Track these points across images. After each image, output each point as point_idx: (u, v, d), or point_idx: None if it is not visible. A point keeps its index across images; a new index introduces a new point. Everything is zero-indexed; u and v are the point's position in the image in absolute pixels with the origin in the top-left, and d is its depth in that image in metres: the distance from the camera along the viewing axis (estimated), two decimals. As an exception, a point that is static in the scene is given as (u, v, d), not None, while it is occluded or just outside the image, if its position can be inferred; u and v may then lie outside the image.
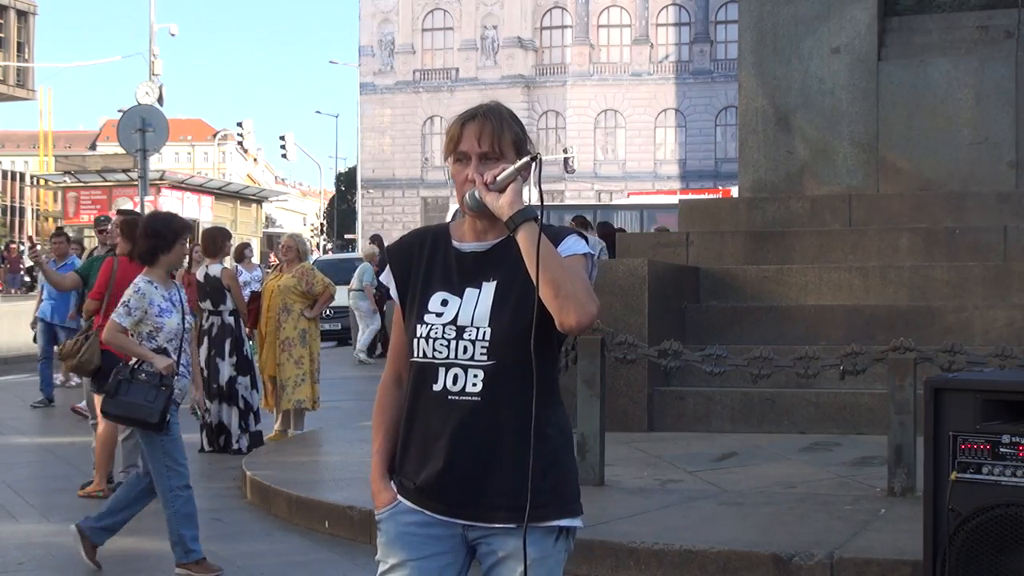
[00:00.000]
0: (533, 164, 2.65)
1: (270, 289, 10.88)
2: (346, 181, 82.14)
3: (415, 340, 2.72)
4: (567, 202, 66.47)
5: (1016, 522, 4.04)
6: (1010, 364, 6.59)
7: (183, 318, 6.40)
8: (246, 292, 11.21)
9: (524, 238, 2.59)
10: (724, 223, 11.75)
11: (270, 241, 44.64)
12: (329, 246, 64.08)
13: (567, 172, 63.00)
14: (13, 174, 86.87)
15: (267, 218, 72.99)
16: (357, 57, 72.07)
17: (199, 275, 10.74)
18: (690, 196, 31.41)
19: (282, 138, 52.40)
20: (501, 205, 2.62)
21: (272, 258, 30.76)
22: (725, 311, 10.42)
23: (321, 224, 71.46)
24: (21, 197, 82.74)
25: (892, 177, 11.43)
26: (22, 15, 53.91)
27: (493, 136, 2.71)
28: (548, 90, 70.75)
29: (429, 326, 2.71)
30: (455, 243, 2.78)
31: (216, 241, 10.65)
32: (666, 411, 9.51)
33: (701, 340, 9.30)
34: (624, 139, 70.16)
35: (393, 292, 2.82)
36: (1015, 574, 4.04)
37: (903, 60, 11.46)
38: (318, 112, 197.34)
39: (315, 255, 33.57)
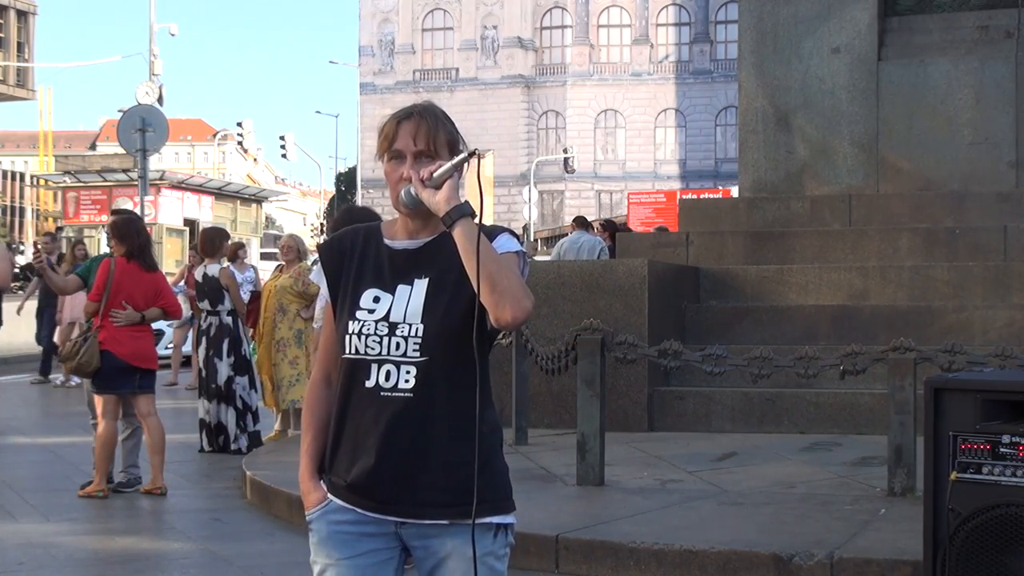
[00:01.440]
0: (468, 161, 2.67)
1: (268, 289, 10.89)
2: (346, 181, 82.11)
3: (347, 336, 2.73)
4: (567, 202, 66.68)
5: (1016, 522, 4.04)
6: (1010, 364, 6.59)
7: None
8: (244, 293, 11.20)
9: (461, 234, 2.60)
10: (724, 223, 11.75)
11: (274, 242, 44.61)
12: (329, 246, 63.93)
13: (567, 172, 63.01)
14: (13, 174, 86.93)
15: (267, 218, 73.01)
16: (357, 57, 72.11)
17: (197, 275, 10.75)
18: (690, 196, 31.47)
19: (282, 138, 52.40)
20: (438, 201, 2.63)
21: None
22: (725, 311, 10.42)
23: (321, 224, 71.36)
24: (21, 197, 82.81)
25: (892, 177, 11.44)
26: (22, 15, 53.91)
27: (428, 135, 2.72)
28: (548, 90, 70.77)
29: (361, 323, 2.72)
30: (387, 241, 2.80)
31: (214, 241, 10.65)
32: (666, 411, 9.51)
33: (701, 340, 9.30)
34: (624, 139, 70.17)
35: (324, 290, 2.85)
36: (1015, 574, 4.04)
37: (903, 60, 11.47)
38: (318, 112, 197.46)
39: (315, 255, 33.55)
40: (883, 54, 11.54)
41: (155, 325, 9.15)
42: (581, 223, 15.99)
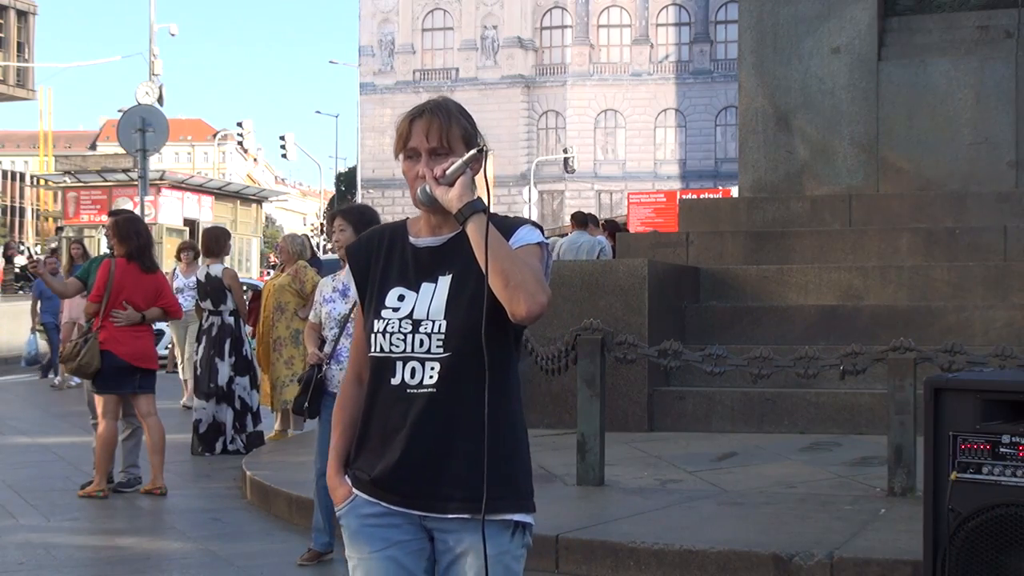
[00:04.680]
0: (482, 156, 2.69)
1: (268, 288, 10.91)
2: (346, 181, 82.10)
3: (372, 335, 2.75)
4: (567, 202, 66.66)
5: (1016, 522, 4.04)
6: (1010, 364, 6.59)
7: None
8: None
9: (473, 230, 2.61)
10: (724, 223, 11.75)
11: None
12: (329, 246, 64.12)
13: (567, 172, 63.02)
14: (13, 174, 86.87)
15: (267, 218, 73.03)
16: (357, 57, 72.10)
17: (199, 275, 10.74)
18: (690, 196, 31.45)
19: (282, 138, 52.39)
20: (450, 198, 2.64)
21: (272, 258, 30.68)
22: (725, 311, 10.42)
23: (321, 224, 71.42)
24: (21, 197, 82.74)
25: (892, 177, 11.43)
26: (22, 15, 53.89)
27: (441, 131, 2.72)
28: (548, 90, 70.77)
29: (386, 321, 2.73)
30: (411, 239, 2.81)
31: (218, 241, 10.66)
32: (666, 411, 9.51)
33: (701, 340, 9.30)
34: (624, 139, 70.17)
35: (352, 291, 2.85)
36: (1015, 574, 4.04)
37: (903, 60, 11.47)
38: (318, 112, 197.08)
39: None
40: (883, 54, 11.54)
41: (155, 325, 9.15)
42: (580, 222, 15.77)
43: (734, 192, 27.45)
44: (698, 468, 7.83)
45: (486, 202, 2.64)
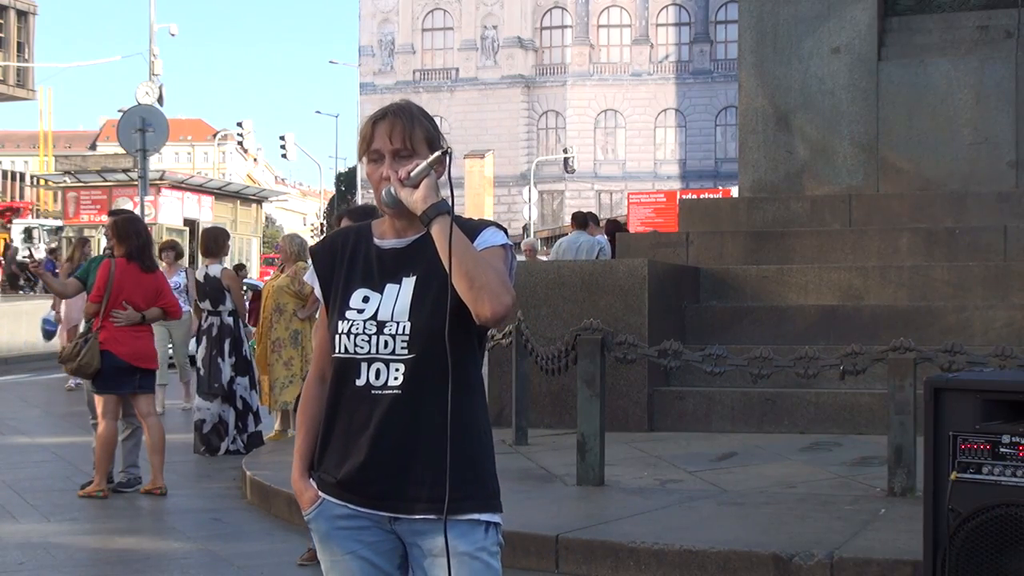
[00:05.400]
0: (446, 158, 2.71)
1: (267, 289, 10.90)
2: (346, 181, 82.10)
3: (337, 336, 2.76)
4: (567, 202, 66.65)
5: (1016, 522, 4.04)
6: (1010, 364, 6.59)
7: None
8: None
9: (438, 232, 2.62)
10: (724, 223, 11.75)
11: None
12: (329, 246, 63.96)
13: (567, 172, 63.02)
14: (13, 174, 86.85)
15: (267, 218, 73.02)
16: (357, 57, 72.13)
17: (199, 275, 10.74)
18: (690, 196, 31.46)
19: (282, 138, 52.40)
20: (415, 200, 2.65)
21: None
22: (725, 311, 10.42)
23: (321, 224, 71.46)
24: (21, 197, 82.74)
25: (892, 177, 11.44)
26: (22, 15, 53.89)
27: (404, 133, 2.73)
28: (548, 90, 70.77)
29: (350, 322, 2.74)
30: (376, 240, 2.82)
31: (217, 241, 10.65)
32: (666, 411, 9.51)
33: (701, 340, 9.30)
34: (624, 139, 70.17)
35: (317, 291, 2.87)
36: (1015, 574, 4.04)
37: (903, 60, 11.47)
38: (318, 112, 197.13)
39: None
40: (883, 54, 11.54)
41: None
42: (580, 222, 15.74)
43: (734, 192, 27.46)
44: (698, 468, 7.83)
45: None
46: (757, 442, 8.77)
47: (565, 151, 60.99)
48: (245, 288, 13.25)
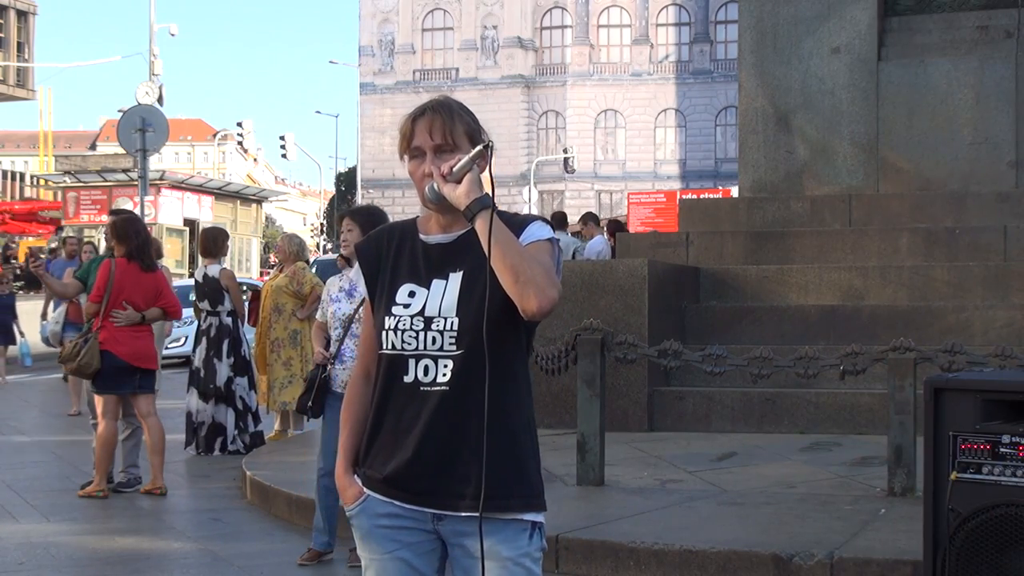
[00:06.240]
0: (487, 152, 2.68)
1: (266, 289, 10.91)
2: (346, 181, 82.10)
3: (384, 332, 2.73)
4: (567, 202, 66.64)
5: (1016, 522, 4.04)
6: (1010, 364, 6.59)
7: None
8: None
9: (481, 226, 2.60)
10: (724, 223, 11.75)
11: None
12: (329, 246, 64.07)
13: (567, 172, 63.02)
14: (13, 174, 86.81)
15: (267, 218, 73.00)
16: (357, 57, 72.10)
17: (197, 275, 10.74)
18: (690, 196, 31.45)
19: (282, 138, 52.40)
20: (458, 195, 2.63)
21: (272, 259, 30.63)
22: (725, 311, 10.42)
23: (321, 224, 71.44)
24: (21, 197, 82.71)
25: (892, 177, 11.44)
26: (22, 15, 53.88)
27: (444, 128, 2.72)
28: (548, 90, 70.77)
29: (397, 318, 2.72)
30: (422, 236, 2.80)
31: (216, 241, 10.64)
32: (666, 411, 9.51)
33: (701, 340, 9.30)
34: (624, 139, 70.17)
35: (362, 287, 2.84)
36: (1015, 574, 4.04)
37: (903, 60, 11.47)
38: (318, 112, 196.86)
39: (315, 255, 33.55)
40: (883, 54, 11.54)
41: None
42: (559, 221, 15.56)
43: (734, 192, 27.45)
44: (698, 468, 7.83)
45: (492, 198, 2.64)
46: (757, 442, 8.77)
47: (565, 151, 60.99)
48: (245, 288, 13.24)
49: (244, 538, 7.15)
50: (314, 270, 11.97)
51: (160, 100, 31.14)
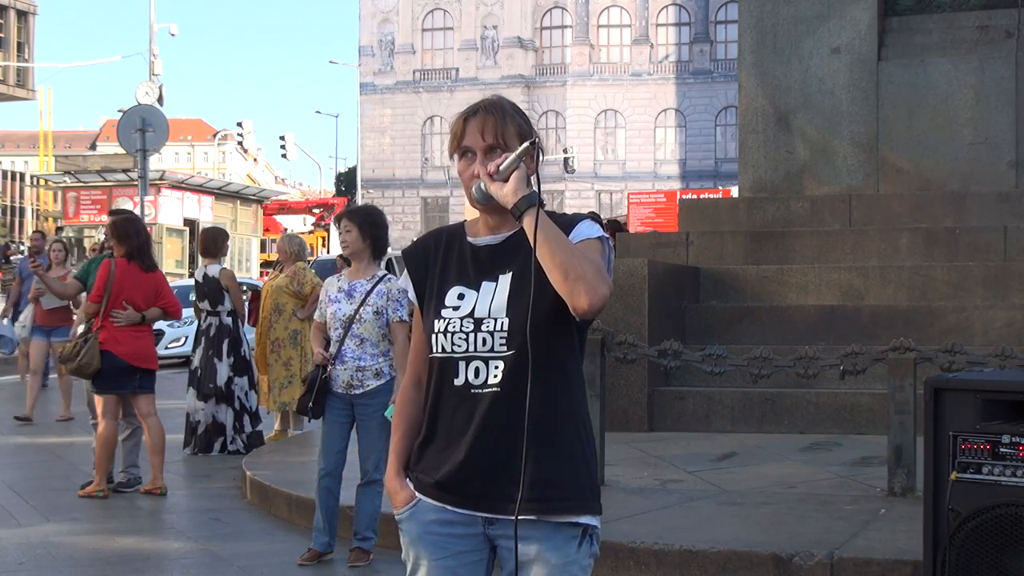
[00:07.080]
0: (535, 150, 2.65)
1: (266, 289, 10.90)
2: (346, 181, 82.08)
3: (433, 336, 2.71)
4: (567, 202, 66.65)
5: (1016, 522, 4.04)
6: (1010, 364, 6.59)
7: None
8: None
9: (529, 224, 2.57)
10: (724, 223, 11.75)
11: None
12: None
13: (567, 172, 62.99)
14: (13, 174, 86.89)
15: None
16: (357, 57, 72.09)
17: (197, 275, 10.74)
18: (690, 196, 31.46)
19: (282, 138, 52.45)
20: (506, 193, 2.60)
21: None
22: (725, 311, 10.42)
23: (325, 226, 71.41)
24: (21, 197, 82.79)
25: (892, 177, 11.43)
26: (22, 15, 53.91)
27: (496, 128, 2.68)
28: (548, 90, 70.77)
29: (447, 320, 2.69)
30: (470, 239, 2.77)
31: (216, 241, 10.63)
32: (666, 411, 9.51)
33: (701, 340, 9.30)
34: (624, 139, 70.17)
35: (411, 293, 2.81)
36: (1015, 574, 4.04)
37: (903, 60, 11.46)
38: (318, 112, 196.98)
39: (315, 255, 33.56)
40: (883, 54, 11.53)
41: (155, 325, 9.14)
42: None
43: (734, 192, 27.46)
44: (698, 468, 7.83)
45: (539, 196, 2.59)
46: (757, 442, 8.77)
47: (565, 151, 60.94)
48: (245, 288, 13.23)
49: (244, 538, 7.15)
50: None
51: (160, 100, 31.15)
